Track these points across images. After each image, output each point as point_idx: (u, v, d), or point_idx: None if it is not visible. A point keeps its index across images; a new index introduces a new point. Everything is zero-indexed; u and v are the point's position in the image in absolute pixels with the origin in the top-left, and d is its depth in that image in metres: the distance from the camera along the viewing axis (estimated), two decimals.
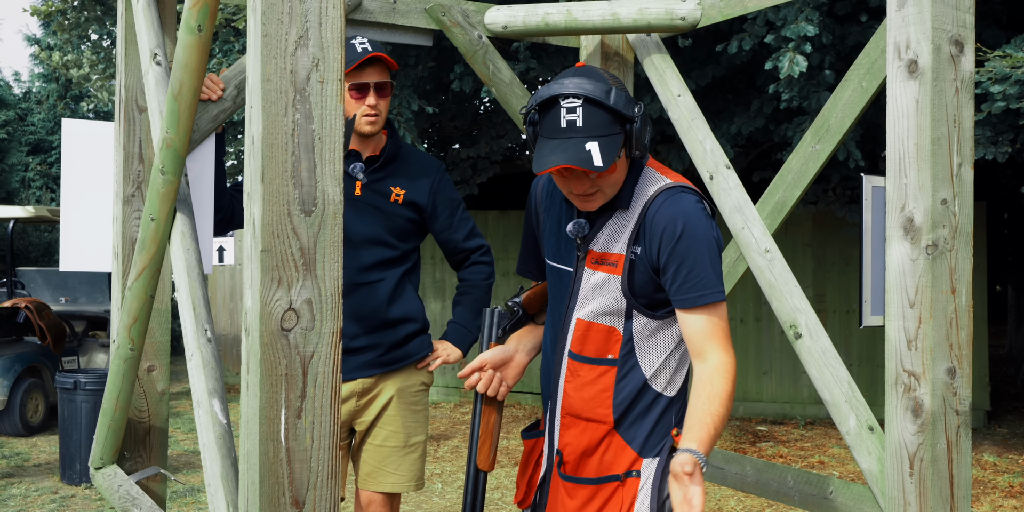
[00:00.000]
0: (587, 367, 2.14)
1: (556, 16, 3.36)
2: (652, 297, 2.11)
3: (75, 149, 2.88)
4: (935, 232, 2.32)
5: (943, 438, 2.33)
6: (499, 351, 2.29)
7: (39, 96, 17.57)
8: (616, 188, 2.09)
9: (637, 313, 2.11)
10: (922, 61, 2.34)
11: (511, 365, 2.30)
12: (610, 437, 2.13)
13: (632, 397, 2.12)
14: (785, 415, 8.93)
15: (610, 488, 2.12)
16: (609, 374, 2.12)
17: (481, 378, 2.25)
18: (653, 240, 2.05)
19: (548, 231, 2.26)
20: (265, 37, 1.59)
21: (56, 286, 9.87)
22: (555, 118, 1.98)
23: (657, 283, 2.09)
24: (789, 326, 2.83)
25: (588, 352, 2.14)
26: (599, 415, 2.13)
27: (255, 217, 1.61)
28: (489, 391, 2.25)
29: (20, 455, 7.27)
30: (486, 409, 2.28)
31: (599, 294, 2.12)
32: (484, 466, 2.26)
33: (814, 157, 2.93)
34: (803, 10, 5.28)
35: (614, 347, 2.12)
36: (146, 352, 2.81)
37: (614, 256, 2.11)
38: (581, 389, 2.14)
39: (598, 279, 2.12)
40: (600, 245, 2.13)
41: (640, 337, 2.12)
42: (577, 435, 2.16)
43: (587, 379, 2.14)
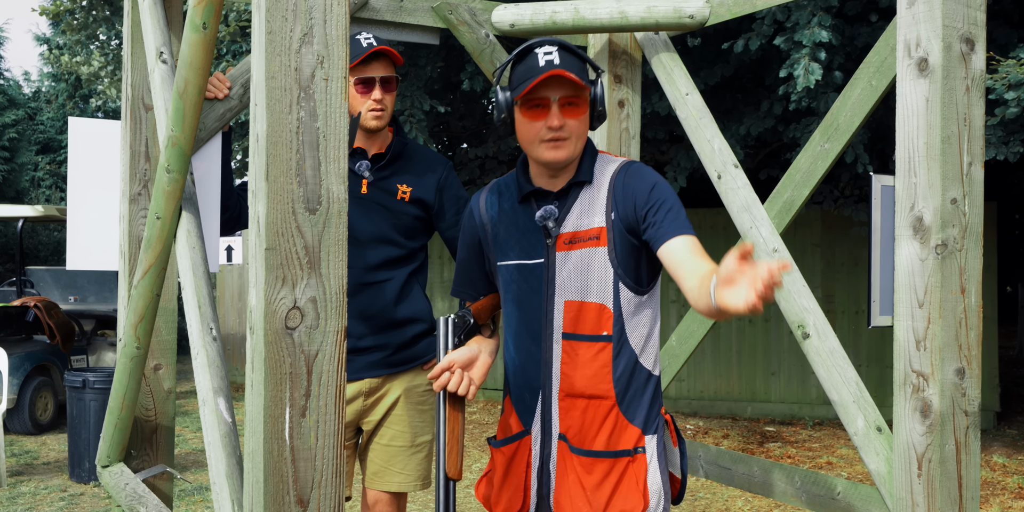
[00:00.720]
0: (584, 345, 2.20)
1: (564, 14, 3.35)
2: (635, 266, 2.19)
3: (82, 148, 2.88)
4: (945, 232, 2.30)
5: (952, 439, 2.31)
6: (464, 351, 2.33)
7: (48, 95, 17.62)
8: (580, 142, 2.19)
9: (623, 287, 2.18)
10: (932, 59, 2.32)
11: (476, 364, 2.34)
12: (614, 414, 2.20)
13: (628, 374, 2.21)
14: (793, 416, 8.90)
15: (624, 462, 2.19)
16: (606, 350, 2.19)
17: (451, 378, 2.28)
18: (627, 199, 2.16)
19: (503, 235, 2.31)
20: (269, 34, 1.59)
21: (65, 285, 9.90)
22: (533, 60, 2.14)
23: (637, 247, 2.17)
24: (797, 326, 2.81)
25: (583, 330, 2.20)
26: (601, 391, 2.19)
27: (259, 215, 1.60)
28: (460, 390, 2.28)
29: (29, 453, 7.29)
30: (451, 414, 2.29)
31: (583, 271, 2.19)
32: (453, 474, 2.27)
33: (823, 156, 2.91)
34: (815, 14, 5.25)
35: (607, 323, 2.18)
36: (152, 351, 2.81)
37: (594, 230, 2.18)
38: (582, 367, 2.20)
39: (578, 257, 2.19)
40: (571, 225, 2.20)
41: (628, 313, 2.19)
42: (580, 415, 2.21)
43: (586, 357, 2.19)
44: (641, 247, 2.18)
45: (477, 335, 2.42)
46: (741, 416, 9.07)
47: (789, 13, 5.37)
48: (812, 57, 5.20)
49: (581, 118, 2.17)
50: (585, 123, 2.19)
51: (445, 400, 2.30)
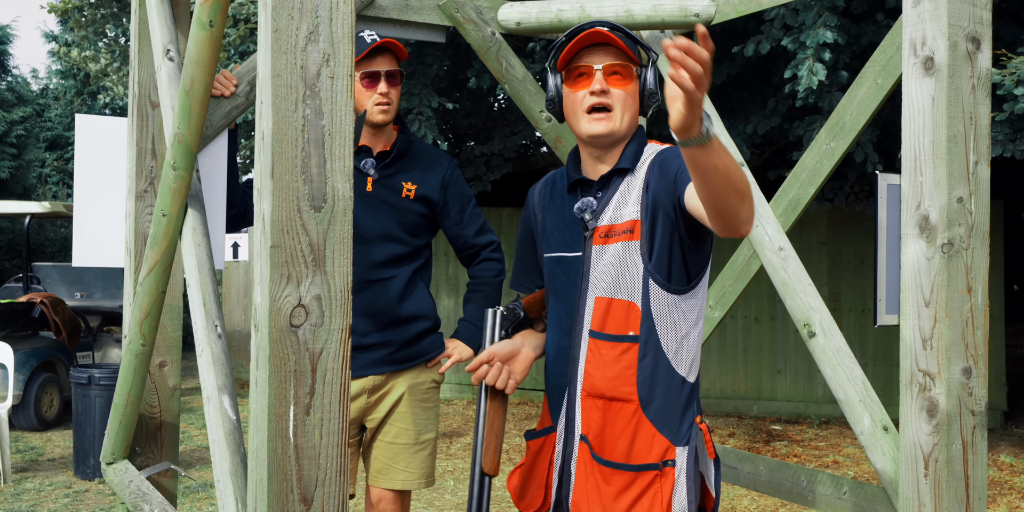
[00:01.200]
0: (608, 345, 2.11)
1: (569, 12, 3.35)
2: (669, 262, 2.08)
3: (88, 145, 2.89)
4: (951, 230, 2.30)
5: (958, 439, 2.31)
6: (506, 344, 2.26)
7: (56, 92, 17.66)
8: (627, 118, 2.12)
9: (653, 284, 2.08)
10: (938, 58, 2.31)
11: (518, 358, 2.27)
12: (638, 419, 2.10)
13: (657, 377, 2.10)
14: (800, 414, 8.89)
15: (648, 477, 2.08)
16: (631, 351, 2.09)
17: (490, 371, 2.21)
18: (662, 179, 2.06)
19: (549, 226, 2.26)
20: (275, 32, 1.59)
21: (72, 281, 9.93)
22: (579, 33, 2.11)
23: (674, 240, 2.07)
24: (803, 325, 2.81)
25: (609, 329, 2.11)
26: (623, 393, 2.10)
27: (265, 213, 1.60)
28: (498, 384, 2.21)
29: (35, 449, 7.31)
30: (491, 408, 2.23)
31: (615, 267, 2.11)
32: (490, 470, 2.21)
33: (829, 155, 2.91)
34: (821, 14, 5.24)
35: (634, 323, 2.09)
36: (158, 348, 2.81)
37: (627, 224, 2.10)
38: (604, 367, 2.12)
39: (612, 252, 2.11)
40: (608, 217, 2.13)
41: (659, 313, 2.09)
42: (600, 416, 2.13)
43: (609, 357, 2.11)
44: (680, 239, 2.07)
45: (528, 328, 2.36)
46: (747, 414, 9.06)
47: (796, 13, 5.36)
48: (816, 57, 5.19)
49: (628, 89, 2.09)
50: (634, 97, 2.11)
51: (486, 393, 2.23)
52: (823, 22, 5.17)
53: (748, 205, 1.80)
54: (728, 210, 1.78)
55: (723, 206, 1.78)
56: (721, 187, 1.73)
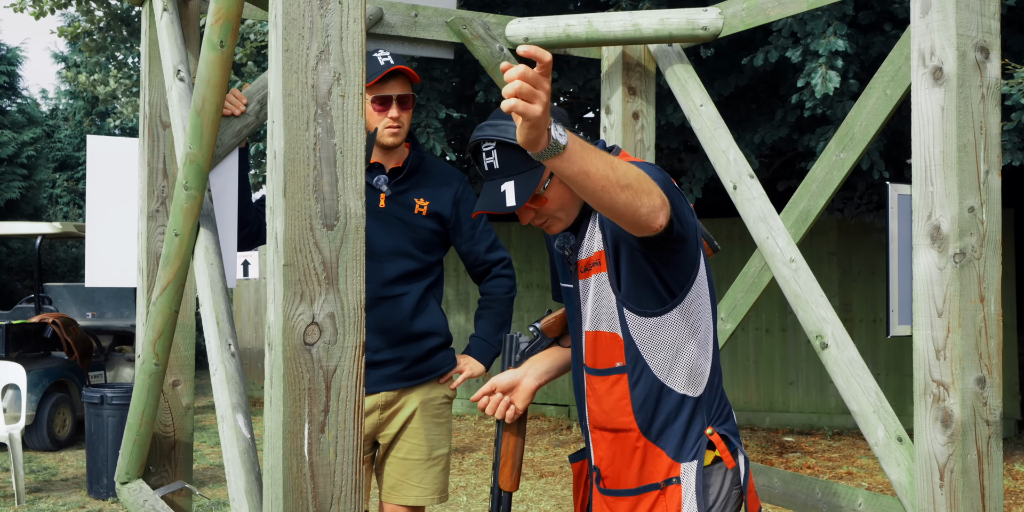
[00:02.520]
0: (599, 379, 2.14)
1: (577, 27, 3.36)
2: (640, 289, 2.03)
3: (100, 165, 2.90)
4: (962, 240, 2.29)
5: (973, 449, 2.30)
6: (508, 375, 2.32)
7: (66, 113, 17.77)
8: (570, 210, 2.09)
9: (628, 311, 2.06)
10: (947, 68, 2.32)
11: (519, 389, 2.32)
12: (643, 445, 2.10)
13: (653, 402, 2.08)
14: (812, 426, 8.85)
15: (651, 498, 2.08)
16: (621, 382, 2.11)
17: (490, 401, 2.30)
18: None
19: (555, 254, 2.30)
20: (286, 52, 1.60)
21: (83, 301, 9.96)
22: (480, 163, 2.05)
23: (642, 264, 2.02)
24: (815, 336, 2.80)
25: (600, 364, 2.14)
26: (622, 424, 2.12)
27: (277, 231, 1.61)
28: (496, 414, 2.30)
29: (48, 469, 7.31)
30: (506, 431, 2.32)
31: (595, 300, 2.12)
32: (507, 487, 2.31)
33: (838, 166, 2.91)
34: (831, 23, 5.25)
35: (618, 353, 2.09)
36: (171, 367, 2.82)
37: (595, 256, 2.10)
38: (600, 401, 2.15)
39: (592, 284, 2.12)
40: (584, 251, 2.13)
41: (641, 339, 2.07)
42: (608, 447, 2.16)
43: (602, 390, 2.14)
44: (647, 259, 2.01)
45: (555, 345, 2.40)
46: (760, 426, 9.02)
47: (804, 24, 5.37)
48: (829, 65, 5.20)
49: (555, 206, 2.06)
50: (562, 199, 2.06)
51: (502, 420, 2.34)
52: (833, 30, 5.18)
53: (644, 196, 1.76)
54: (622, 208, 1.75)
55: (615, 206, 1.74)
56: (601, 189, 1.70)
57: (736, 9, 3.18)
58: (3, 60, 13.54)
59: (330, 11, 1.63)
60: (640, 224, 1.80)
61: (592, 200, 1.74)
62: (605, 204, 1.74)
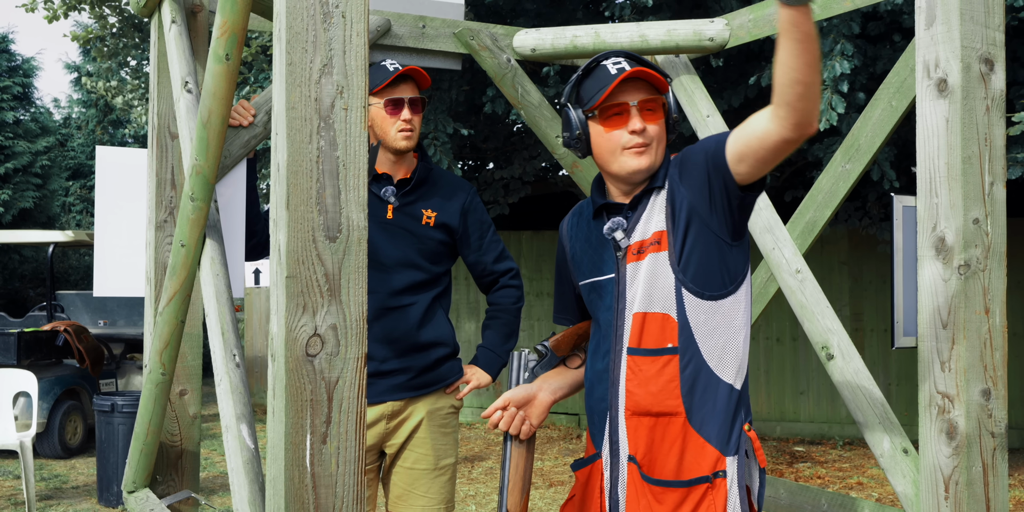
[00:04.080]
0: (648, 360, 2.09)
1: (584, 38, 3.38)
2: (704, 268, 2.06)
3: (109, 176, 2.93)
4: (967, 252, 2.29)
5: (978, 461, 2.29)
6: (522, 390, 2.27)
7: (79, 122, 17.89)
8: (661, 149, 2.13)
9: (687, 292, 2.06)
10: (951, 80, 2.32)
11: (534, 404, 2.27)
12: (685, 433, 2.07)
13: (701, 387, 2.07)
14: (823, 435, 8.82)
15: (700, 490, 2.05)
16: (672, 363, 2.07)
17: (503, 416, 2.23)
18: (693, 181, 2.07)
19: (579, 254, 2.26)
20: (290, 65, 1.61)
21: (95, 309, 10.00)
22: (603, 71, 2.08)
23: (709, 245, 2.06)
24: (821, 347, 2.80)
25: (647, 344, 2.09)
26: (669, 407, 2.08)
27: (280, 243, 1.62)
28: (511, 430, 2.22)
29: (59, 477, 7.34)
30: (515, 451, 2.23)
31: (648, 281, 2.09)
32: (514, 510, 2.21)
33: (844, 177, 2.91)
34: (838, 41, 5.24)
35: (671, 334, 2.07)
36: (178, 376, 2.83)
37: (654, 236, 2.09)
38: (647, 383, 2.09)
39: (645, 266, 2.09)
40: (639, 233, 2.12)
41: (696, 321, 2.07)
42: (647, 434, 2.10)
43: (650, 372, 2.09)
44: (717, 238, 2.06)
45: (562, 365, 2.35)
46: (770, 436, 8.99)
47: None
48: (834, 89, 5.20)
49: (660, 123, 2.11)
50: (663, 128, 2.12)
51: (508, 439, 2.25)
52: (839, 50, 5.17)
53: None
54: (814, 86, 1.79)
55: (812, 80, 1.78)
56: (814, 58, 1.75)
57: (743, 20, 3.19)
58: (18, 71, 13.64)
59: (333, 25, 1.64)
60: (812, 108, 1.84)
61: (799, 66, 1.76)
62: (805, 75, 1.78)
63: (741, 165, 1.99)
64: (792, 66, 1.76)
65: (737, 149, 1.97)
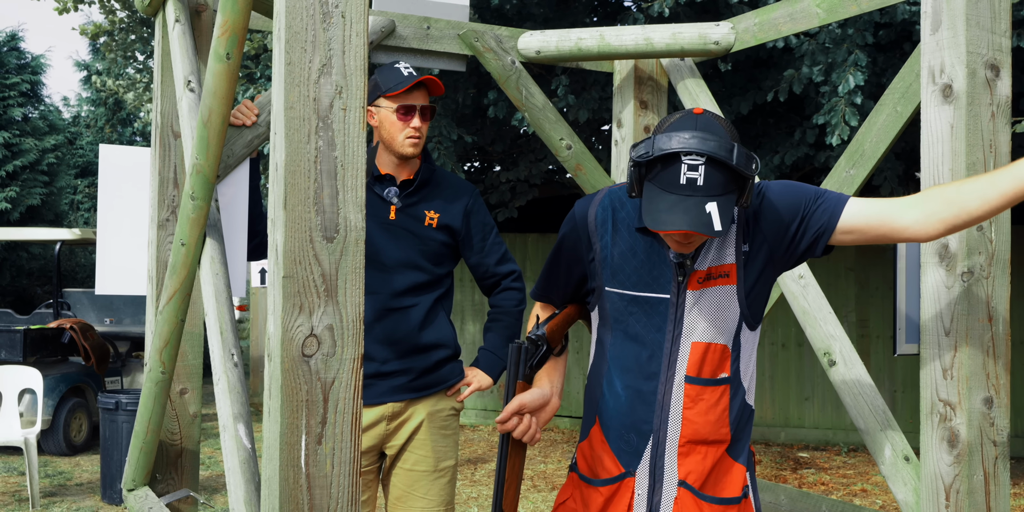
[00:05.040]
0: (709, 390, 2.09)
1: (589, 41, 3.37)
2: (761, 302, 2.12)
3: (112, 175, 2.93)
4: (970, 259, 2.28)
5: (980, 469, 2.27)
6: (537, 394, 2.21)
7: (88, 120, 17.95)
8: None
9: (744, 326, 2.10)
10: (957, 85, 2.31)
11: (547, 409, 2.24)
12: (724, 457, 2.13)
13: (745, 414, 2.15)
14: (827, 441, 8.79)
15: (734, 509, 2.12)
16: (726, 393, 2.11)
17: (520, 422, 2.17)
18: (775, 224, 2.05)
19: (615, 259, 2.14)
20: (289, 65, 1.61)
21: (101, 307, 10.02)
22: (675, 174, 1.89)
23: (768, 280, 2.11)
24: (823, 353, 2.79)
25: (706, 374, 2.10)
26: (721, 435, 2.12)
27: (277, 243, 1.62)
28: (526, 438, 2.18)
29: (63, 474, 7.35)
30: (513, 453, 2.21)
31: (712, 312, 2.07)
32: (510, 510, 2.23)
33: (848, 182, 2.90)
34: (852, 51, 5.21)
35: (725, 364, 2.10)
36: (179, 375, 2.83)
37: (725, 267, 2.07)
38: (707, 413, 2.09)
39: (710, 296, 2.07)
40: (708, 261, 2.07)
41: (745, 351, 2.13)
42: (700, 460, 2.11)
43: (711, 401, 2.09)
44: (773, 277, 2.12)
45: (552, 358, 2.31)
46: (774, 442, 8.97)
47: (827, 51, 5.33)
48: (848, 102, 5.19)
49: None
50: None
51: (508, 439, 2.20)
52: (853, 61, 5.14)
53: None
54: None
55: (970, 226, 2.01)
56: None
57: (748, 24, 3.18)
58: (27, 68, 13.68)
59: (333, 25, 1.64)
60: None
61: (990, 216, 1.98)
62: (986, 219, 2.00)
63: (848, 235, 2.04)
64: (991, 213, 1.94)
65: (857, 224, 2.01)
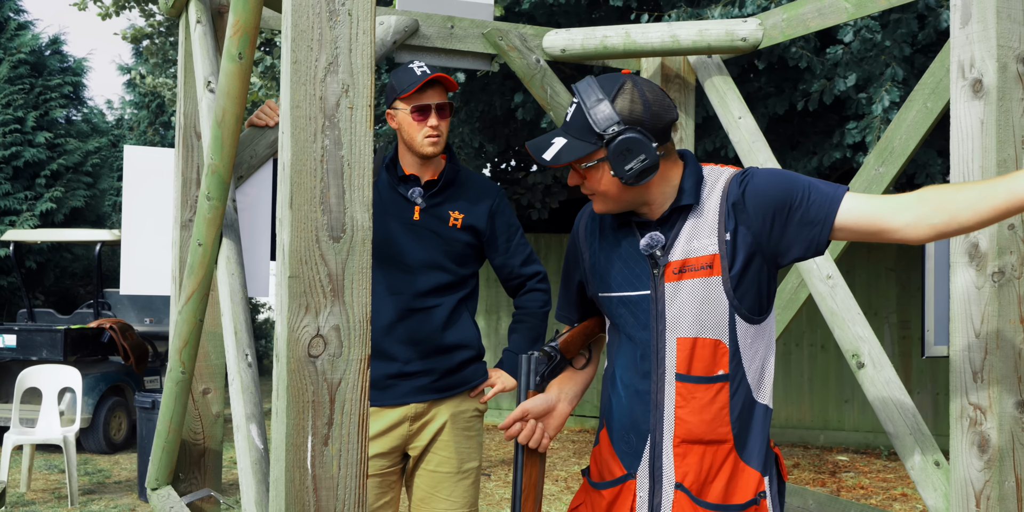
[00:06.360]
0: (702, 387, 2.03)
1: (614, 39, 3.34)
2: (755, 293, 2.02)
3: (137, 176, 2.95)
4: (1001, 259, 2.22)
5: (1012, 475, 2.21)
6: (541, 400, 2.19)
7: (131, 123, 18.18)
8: (609, 199, 2.04)
9: (739, 319, 2.01)
10: (987, 80, 2.25)
11: (553, 415, 2.21)
12: (732, 459, 2.04)
13: (747, 412, 2.05)
14: (868, 444, 8.66)
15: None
16: (724, 391, 2.02)
17: (523, 429, 2.15)
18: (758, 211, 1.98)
19: (601, 264, 2.16)
20: (295, 64, 1.60)
21: (142, 307, 10.14)
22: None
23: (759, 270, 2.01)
24: (852, 355, 2.73)
25: (697, 371, 2.03)
26: (720, 435, 2.04)
27: (284, 243, 1.61)
28: (531, 444, 2.16)
29: (102, 472, 7.45)
30: (528, 461, 2.17)
31: (695, 305, 2.02)
32: None
33: (878, 180, 2.84)
34: (889, 64, 5.11)
35: (722, 361, 2.02)
36: (201, 375, 2.84)
37: (706, 258, 2.01)
38: (701, 412, 2.03)
39: (690, 289, 2.02)
40: (680, 252, 2.03)
41: (744, 346, 2.03)
42: (698, 461, 2.05)
43: (704, 400, 2.03)
44: (765, 267, 2.01)
45: (568, 367, 2.29)
46: (813, 444, 8.86)
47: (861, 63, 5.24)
48: (884, 120, 5.11)
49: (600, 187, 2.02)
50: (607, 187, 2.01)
51: (523, 448, 2.18)
52: (891, 75, 5.05)
53: None
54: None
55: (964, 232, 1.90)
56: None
57: (776, 20, 3.13)
58: (69, 71, 13.89)
59: (339, 23, 1.62)
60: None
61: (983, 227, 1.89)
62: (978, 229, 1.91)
63: (841, 232, 1.96)
64: (982, 225, 1.85)
65: (851, 221, 1.94)
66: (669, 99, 2.03)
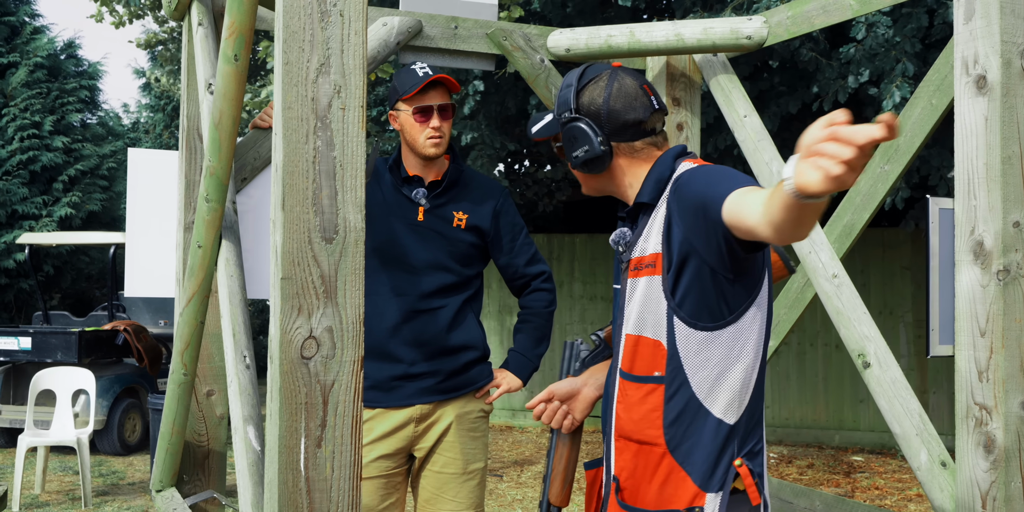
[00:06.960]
0: (634, 386, 2.02)
1: (619, 38, 3.32)
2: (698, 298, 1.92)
3: (141, 178, 2.95)
4: (1007, 256, 2.19)
5: (1018, 476, 2.19)
6: (567, 383, 2.21)
7: (147, 126, 18.26)
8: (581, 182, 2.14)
9: (678, 320, 1.94)
10: (991, 76, 2.22)
11: (578, 398, 2.21)
12: (667, 463, 1.99)
13: (688, 420, 1.97)
14: (883, 445, 8.60)
15: None
16: (657, 393, 1.98)
17: (546, 409, 2.19)
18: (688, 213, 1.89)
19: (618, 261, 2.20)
20: (286, 65, 1.60)
21: (156, 309, 10.17)
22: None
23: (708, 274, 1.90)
24: (857, 355, 2.71)
25: (637, 370, 2.02)
26: (650, 437, 2.00)
27: (276, 244, 1.60)
28: (553, 424, 2.19)
29: (116, 473, 7.48)
30: (559, 442, 2.23)
31: (642, 303, 2.00)
32: (556, 501, 2.22)
33: (883, 178, 2.82)
34: (899, 59, 5.08)
35: (659, 362, 1.97)
36: (205, 376, 2.84)
37: (650, 257, 1.98)
38: (631, 409, 2.03)
39: (641, 286, 2.00)
40: (638, 249, 2.02)
41: (686, 351, 1.95)
42: (631, 459, 2.04)
43: (635, 398, 2.02)
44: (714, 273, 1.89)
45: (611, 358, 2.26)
46: (828, 444, 8.81)
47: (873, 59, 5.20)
48: None
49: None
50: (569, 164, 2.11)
51: (557, 431, 2.24)
52: (901, 71, 5.01)
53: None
54: (802, 232, 1.61)
55: (799, 232, 1.60)
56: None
57: (781, 18, 3.11)
58: (84, 75, 13.96)
59: (331, 24, 1.62)
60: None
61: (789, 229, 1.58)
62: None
63: (736, 231, 1.78)
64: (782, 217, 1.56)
65: (728, 221, 1.78)
66: (647, 99, 2.01)
